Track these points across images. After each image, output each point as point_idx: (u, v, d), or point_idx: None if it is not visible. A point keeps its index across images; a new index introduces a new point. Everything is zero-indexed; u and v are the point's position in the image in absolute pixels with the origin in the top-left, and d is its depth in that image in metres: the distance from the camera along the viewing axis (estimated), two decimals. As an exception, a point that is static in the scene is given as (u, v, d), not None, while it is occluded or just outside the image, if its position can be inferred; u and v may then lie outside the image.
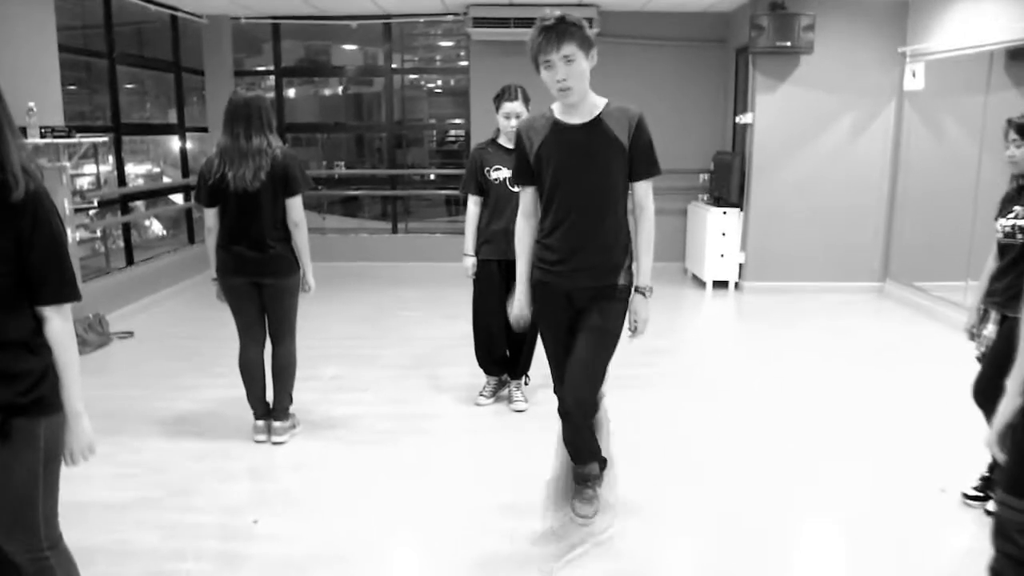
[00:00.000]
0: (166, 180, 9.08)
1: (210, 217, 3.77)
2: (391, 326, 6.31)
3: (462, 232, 4.41)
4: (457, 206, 9.64)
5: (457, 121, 9.35)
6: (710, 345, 6.37)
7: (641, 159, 2.96)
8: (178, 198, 8.66)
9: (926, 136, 7.16)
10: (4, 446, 1.84)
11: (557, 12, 2.70)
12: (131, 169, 7.05)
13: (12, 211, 1.77)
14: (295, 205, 3.74)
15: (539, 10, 6.97)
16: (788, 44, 7.01)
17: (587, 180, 2.82)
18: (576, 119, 2.82)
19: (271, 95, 8.80)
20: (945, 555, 3.04)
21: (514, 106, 4.12)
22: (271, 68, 8.89)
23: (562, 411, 2.89)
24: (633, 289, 2.99)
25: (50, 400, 1.90)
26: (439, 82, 9.96)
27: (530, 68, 2.76)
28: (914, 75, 7.04)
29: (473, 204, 4.29)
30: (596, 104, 2.86)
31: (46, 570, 2.02)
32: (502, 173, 4.16)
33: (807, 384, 5.03)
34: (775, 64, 7.34)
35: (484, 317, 4.38)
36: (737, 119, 7.90)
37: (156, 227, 9.21)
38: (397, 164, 9.28)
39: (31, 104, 5.03)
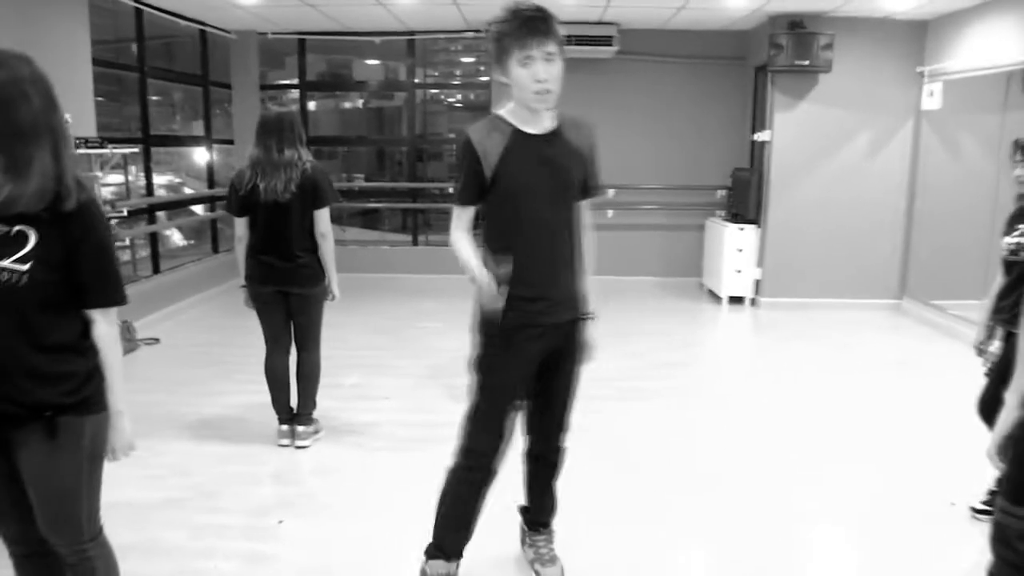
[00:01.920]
0: (187, 191, 9.26)
1: (240, 227, 3.89)
2: (411, 337, 6.42)
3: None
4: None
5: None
6: (725, 359, 6.43)
7: (595, 175, 2.65)
8: (199, 208, 8.82)
9: (943, 155, 7.21)
10: (51, 443, 1.94)
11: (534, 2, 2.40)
12: (153, 179, 7.21)
13: (64, 219, 1.87)
14: (323, 217, 3.86)
15: (560, 27, 7.02)
16: (807, 63, 7.08)
17: (557, 197, 2.51)
18: (536, 128, 2.48)
19: (294, 108, 8.96)
20: (953, 568, 3.09)
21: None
22: (295, 82, 9.05)
23: (490, 473, 2.64)
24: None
25: (95, 400, 2.01)
26: (459, 96, 10.11)
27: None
28: (932, 94, 7.10)
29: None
30: (550, 112, 2.52)
31: (87, 561, 2.12)
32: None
33: (820, 397, 5.09)
34: (793, 82, 7.42)
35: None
36: (755, 136, 7.97)
37: (176, 237, 9.37)
38: (418, 177, 9.41)
39: (67, 116, 5.17)
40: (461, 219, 2.51)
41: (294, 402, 4.14)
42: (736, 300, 7.89)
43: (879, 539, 3.25)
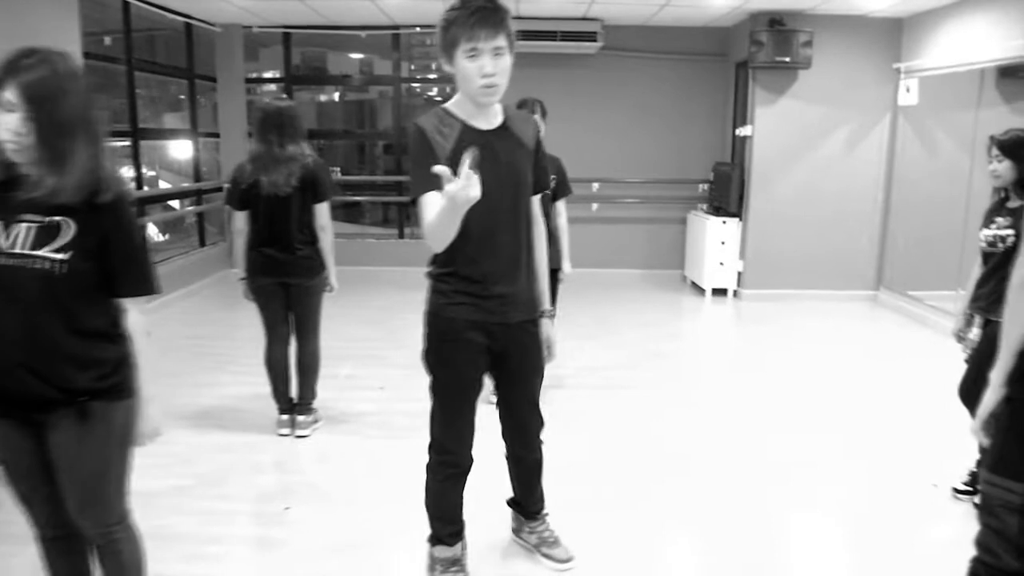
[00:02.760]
0: (163, 184, 9.24)
1: (240, 220, 3.95)
2: (399, 327, 6.50)
3: None
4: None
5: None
6: (709, 349, 6.58)
7: (542, 170, 2.62)
8: (176, 203, 8.82)
9: (919, 149, 7.40)
10: (83, 427, 2.02)
11: None
12: (127, 172, 7.20)
13: (100, 211, 1.95)
14: (323, 210, 3.93)
15: (546, 23, 7.12)
16: (787, 59, 7.24)
17: (508, 193, 2.45)
18: (484, 123, 2.44)
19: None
20: (935, 544, 3.24)
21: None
22: (280, 75, 9.08)
23: (461, 468, 2.70)
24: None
25: (126, 386, 2.08)
26: (435, 90, 10.15)
27: (535, 78, 2.43)
28: (908, 90, 7.29)
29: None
30: (496, 106, 2.47)
31: (114, 543, 2.20)
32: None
33: (802, 386, 5.25)
34: (774, 78, 7.57)
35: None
36: (737, 131, 8.12)
37: (150, 230, 9.35)
38: (404, 171, 9.48)
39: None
40: (428, 209, 2.30)
41: (293, 392, 4.22)
42: (719, 292, 8.05)
43: (862, 519, 3.39)
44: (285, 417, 4.19)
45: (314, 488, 3.64)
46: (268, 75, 9.56)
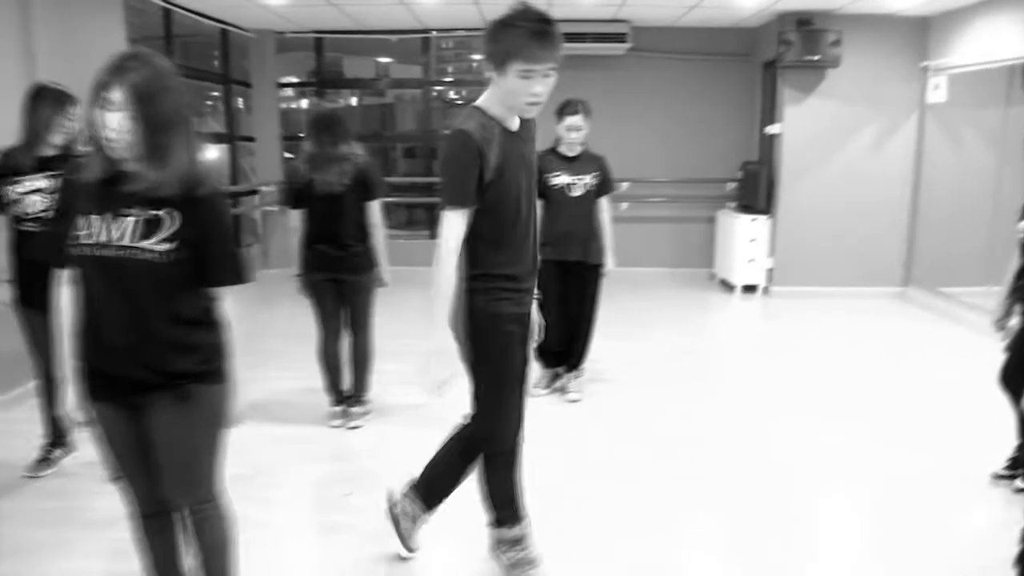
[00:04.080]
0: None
1: (295, 218, 4.09)
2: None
3: None
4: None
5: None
6: (741, 345, 6.68)
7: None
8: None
9: (947, 147, 7.46)
10: (183, 409, 2.15)
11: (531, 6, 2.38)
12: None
13: (197, 204, 2.07)
14: (374, 209, 4.07)
15: (575, 25, 7.17)
16: (815, 58, 7.32)
17: (532, 193, 2.58)
18: (513, 125, 2.50)
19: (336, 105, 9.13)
20: (977, 529, 3.33)
21: (576, 120, 4.43)
22: (305, 80, 9.24)
23: (516, 452, 2.79)
24: None
25: (221, 370, 2.21)
26: (464, 92, 10.27)
27: (563, 79, 2.50)
28: (937, 88, 7.34)
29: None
30: None
31: (208, 520, 2.33)
32: (561, 179, 4.49)
33: (834, 379, 5.35)
34: (802, 77, 7.65)
35: (545, 313, 4.66)
36: (766, 130, 8.20)
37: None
38: (433, 173, 9.61)
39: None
40: (457, 227, 2.41)
41: (345, 385, 4.36)
42: (748, 289, 8.13)
43: (901, 506, 3.48)
44: (338, 409, 4.33)
45: (372, 476, 3.76)
46: (296, 80, 9.73)
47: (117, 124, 1.98)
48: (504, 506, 2.86)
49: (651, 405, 4.77)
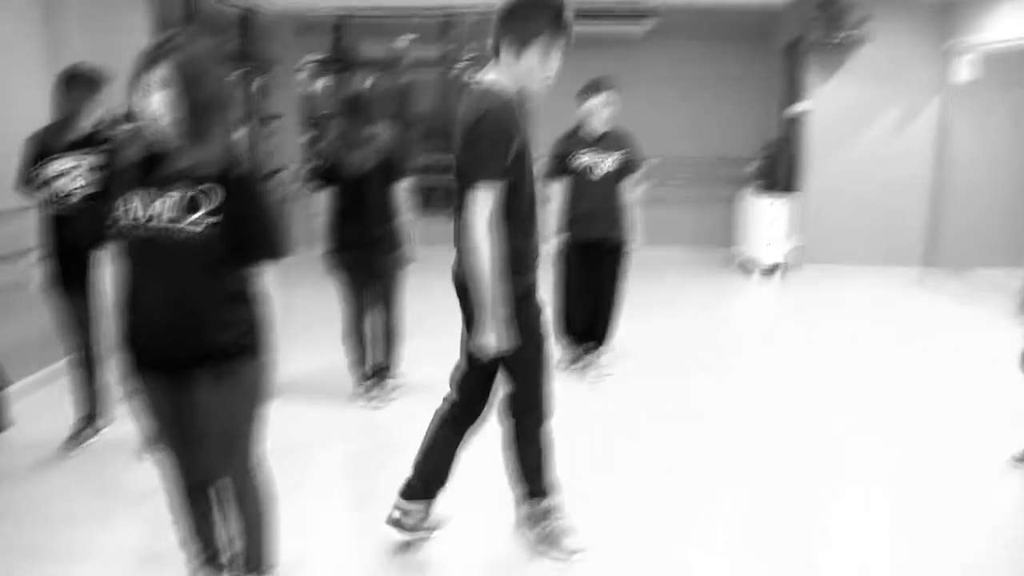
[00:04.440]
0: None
1: (324, 198, 4.13)
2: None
3: None
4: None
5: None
6: (763, 325, 6.69)
7: None
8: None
9: (973, 127, 7.40)
10: (222, 383, 2.20)
11: None
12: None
13: (236, 182, 2.11)
14: (403, 188, 4.10)
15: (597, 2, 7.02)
16: (841, 37, 7.28)
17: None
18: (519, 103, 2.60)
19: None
20: (998, 510, 3.34)
21: (603, 99, 4.44)
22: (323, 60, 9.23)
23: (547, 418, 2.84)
24: None
25: (260, 345, 2.26)
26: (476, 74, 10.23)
27: (591, 61, 2.50)
28: (962, 67, 7.27)
29: (557, 188, 4.62)
30: None
31: (249, 491, 2.40)
32: (587, 159, 4.51)
33: (856, 359, 5.36)
34: (827, 57, 7.60)
35: (568, 292, 4.73)
36: (790, 110, 8.15)
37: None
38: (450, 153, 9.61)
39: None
40: (489, 202, 2.45)
41: (372, 363, 4.41)
42: (770, 269, 8.11)
43: (924, 487, 3.50)
44: (366, 386, 4.39)
45: (402, 450, 3.78)
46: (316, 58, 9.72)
47: (160, 104, 2.02)
48: (538, 477, 2.89)
49: (673, 384, 4.81)
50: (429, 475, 2.90)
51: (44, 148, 3.50)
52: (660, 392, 4.65)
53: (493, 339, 2.54)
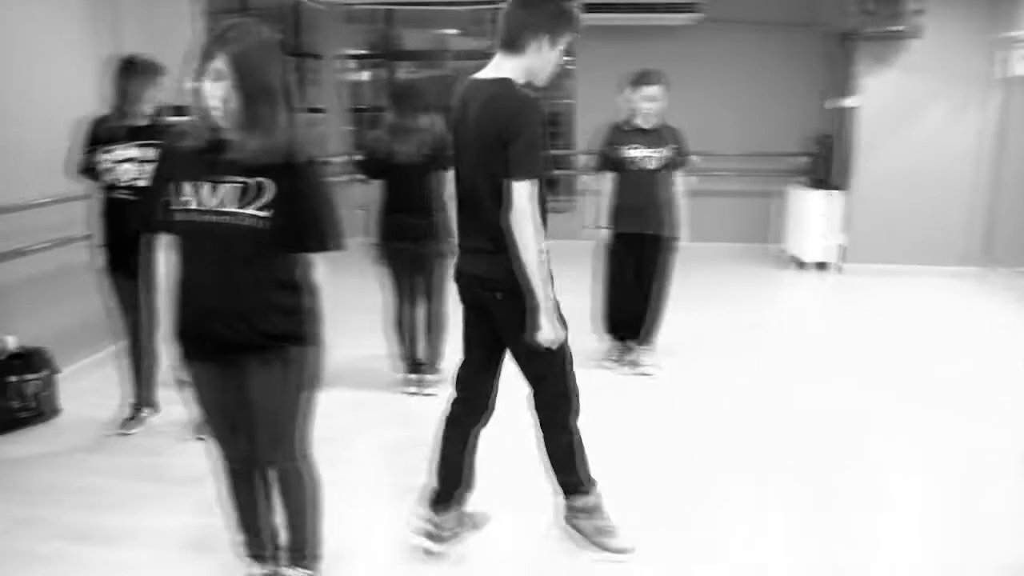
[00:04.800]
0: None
1: (375, 188, 4.15)
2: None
3: (562, 211, 4.68)
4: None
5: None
6: (812, 322, 6.58)
7: None
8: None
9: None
10: (276, 369, 2.23)
11: None
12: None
13: (294, 172, 2.12)
14: (451, 179, 4.09)
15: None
16: (897, 28, 7.10)
17: None
18: None
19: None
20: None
21: (653, 91, 4.39)
22: (367, 52, 9.28)
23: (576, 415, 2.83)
24: None
25: (312, 333, 2.28)
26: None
27: (634, 51, 2.50)
28: (1017, 60, 7.07)
29: (607, 180, 4.59)
30: None
31: (298, 477, 2.42)
32: (635, 151, 4.46)
33: (906, 357, 5.26)
34: (882, 48, 7.43)
35: (615, 285, 4.69)
36: (840, 102, 8.00)
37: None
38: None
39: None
40: (535, 196, 2.44)
41: (419, 353, 4.43)
42: (819, 266, 7.98)
43: (977, 485, 3.43)
44: (412, 376, 4.41)
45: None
46: (359, 52, 9.78)
47: (219, 93, 2.03)
48: (576, 470, 2.87)
49: (718, 381, 4.76)
50: (448, 479, 2.89)
51: (102, 135, 3.57)
52: (702, 390, 4.60)
53: (554, 331, 2.53)
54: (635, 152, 4.47)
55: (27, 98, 4.31)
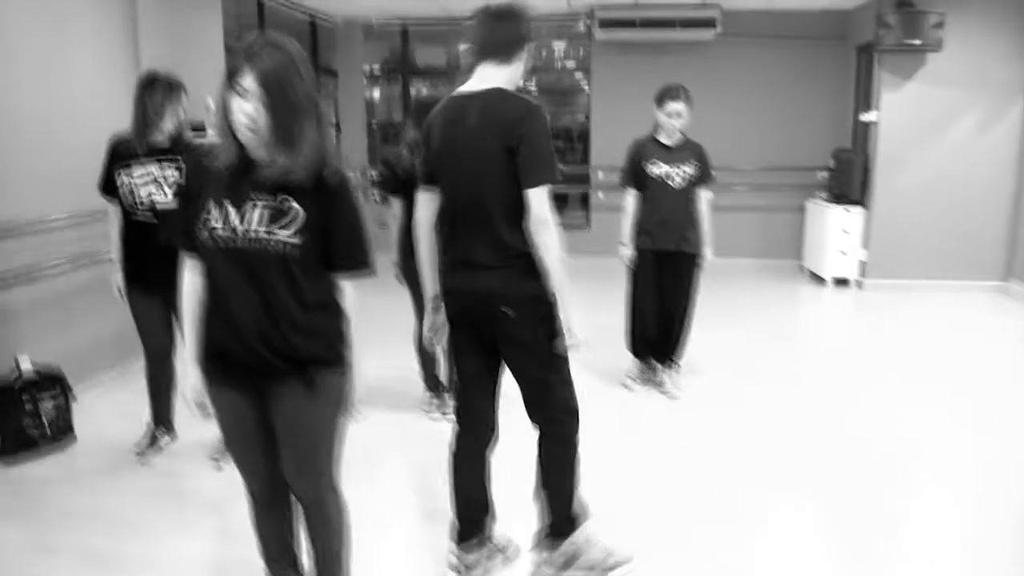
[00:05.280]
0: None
1: (397, 205, 4.09)
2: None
3: (578, 227, 4.64)
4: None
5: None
6: (833, 339, 6.48)
7: None
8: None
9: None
10: (308, 395, 2.14)
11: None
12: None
13: (326, 192, 2.05)
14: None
15: (665, 10, 7.03)
16: (916, 42, 7.03)
17: None
18: None
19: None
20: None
21: (678, 106, 4.32)
22: (384, 68, 9.27)
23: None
24: None
25: (345, 356, 2.20)
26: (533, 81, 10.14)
27: (650, 67, 2.60)
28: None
29: (631, 197, 4.52)
30: None
31: (325, 506, 2.33)
32: (661, 168, 4.39)
33: (928, 373, 5.19)
34: (901, 62, 7.36)
35: (640, 303, 4.61)
36: (861, 117, 7.92)
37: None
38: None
39: (210, 102, 5.45)
40: (551, 201, 2.47)
41: (442, 373, 4.37)
42: (840, 282, 7.88)
43: (1000, 503, 3.36)
44: (435, 396, 4.34)
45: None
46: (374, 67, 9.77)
47: (248, 111, 1.96)
48: (578, 495, 2.80)
49: (744, 403, 4.66)
50: (467, 511, 2.82)
51: (122, 153, 3.52)
52: (727, 413, 4.50)
53: (581, 332, 2.55)
54: (659, 169, 4.40)
55: (44, 117, 4.27)
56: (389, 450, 3.91)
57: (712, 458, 3.86)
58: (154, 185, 3.49)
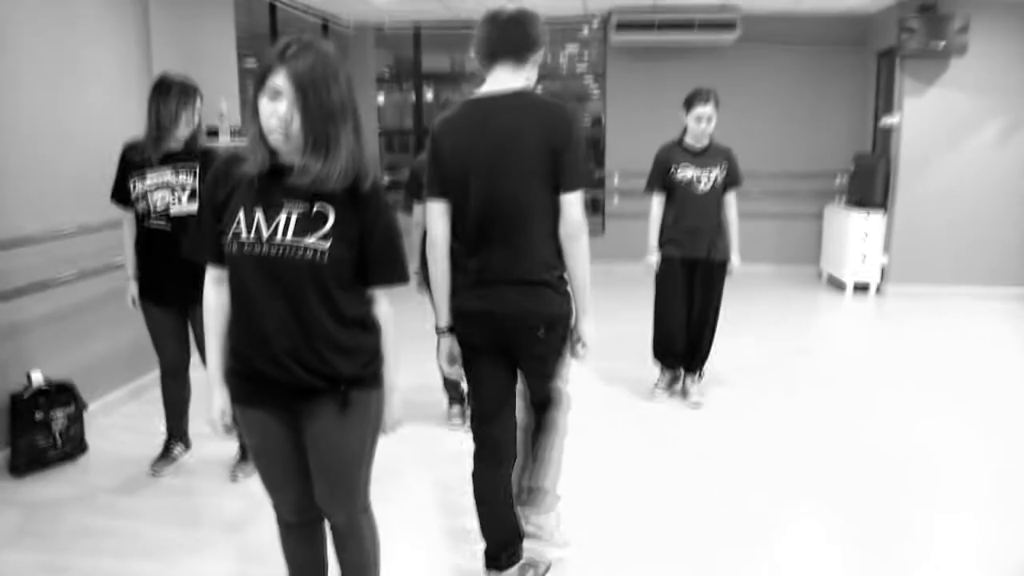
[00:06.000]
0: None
1: (420, 213, 3.97)
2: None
3: (592, 233, 4.51)
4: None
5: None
6: (854, 345, 6.35)
7: None
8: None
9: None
10: (342, 415, 2.01)
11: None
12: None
13: (360, 199, 1.93)
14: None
15: (683, 14, 6.95)
16: (940, 46, 6.90)
17: None
18: None
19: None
20: None
21: (706, 109, 4.21)
22: (389, 73, 9.18)
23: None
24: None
25: (380, 375, 2.08)
26: (539, 87, 10.06)
27: (668, 72, 2.59)
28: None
29: (657, 203, 4.40)
30: None
31: (357, 530, 2.21)
32: (688, 172, 4.27)
33: (949, 381, 5.08)
34: (924, 66, 7.23)
35: (667, 312, 4.49)
36: (882, 121, 7.80)
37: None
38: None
39: (224, 107, 5.36)
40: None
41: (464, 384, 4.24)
42: (860, 288, 7.75)
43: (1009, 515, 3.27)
44: (456, 408, 4.22)
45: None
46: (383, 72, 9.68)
47: (280, 113, 1.84)
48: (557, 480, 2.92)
49: (768, 412, 4.55)
50: (496, 534, 2.72)
51: (135, 160, 3.40)
52: (751, 422, 4.38)
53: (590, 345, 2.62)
54: (687, 173, 4.29)
55: (56, 125, 4.14)
56: (413, 466, 3.78)
57: (732, 468, 3.78)
58: (169, 192, 3.37)
